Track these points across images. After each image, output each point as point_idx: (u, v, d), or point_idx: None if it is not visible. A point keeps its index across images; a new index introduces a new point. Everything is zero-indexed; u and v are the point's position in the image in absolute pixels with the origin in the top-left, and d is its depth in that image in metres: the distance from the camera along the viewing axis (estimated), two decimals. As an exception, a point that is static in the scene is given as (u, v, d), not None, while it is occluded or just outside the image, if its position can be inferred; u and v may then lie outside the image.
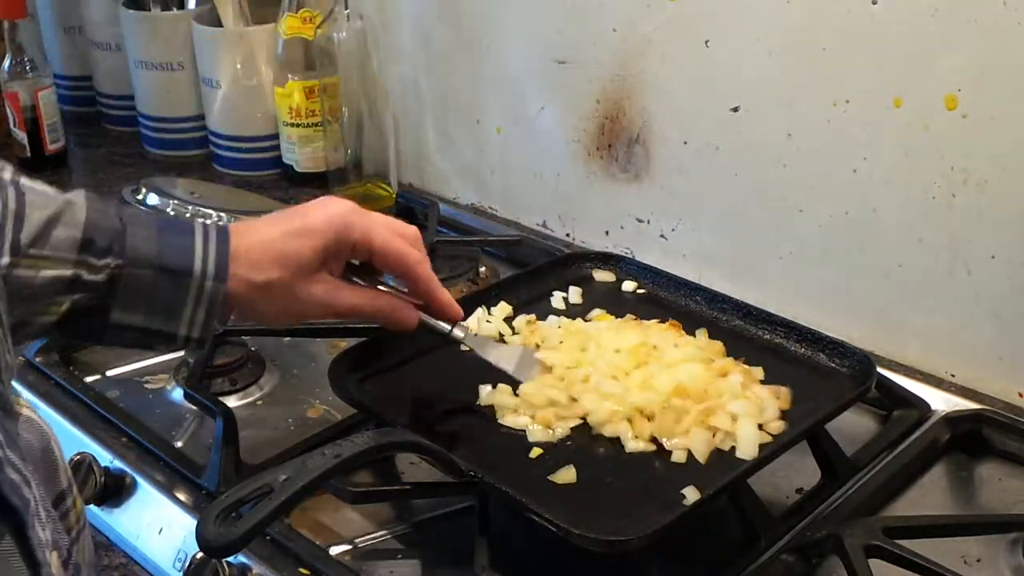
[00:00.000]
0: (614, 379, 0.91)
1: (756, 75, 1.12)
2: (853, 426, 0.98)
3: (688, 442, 0.85)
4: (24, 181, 0.75)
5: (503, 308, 1.05)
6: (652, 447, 0.85)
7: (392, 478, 0.94)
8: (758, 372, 0.93)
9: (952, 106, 0.98)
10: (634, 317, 1.02)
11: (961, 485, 0.95)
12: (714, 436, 0.85)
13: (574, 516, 0.76)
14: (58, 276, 0.73)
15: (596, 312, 1.05)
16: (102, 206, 0.77)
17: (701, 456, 0.84)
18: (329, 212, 0.82)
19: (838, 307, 1.12)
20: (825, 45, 1.05)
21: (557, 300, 1.08)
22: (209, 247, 0.77)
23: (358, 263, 0.87)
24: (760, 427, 0.86)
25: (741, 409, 0.87)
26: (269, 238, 0.80)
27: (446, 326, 0.89)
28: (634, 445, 0.86)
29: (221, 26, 1.51)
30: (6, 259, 0.71)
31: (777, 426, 0.87)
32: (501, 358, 0.92)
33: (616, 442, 0.87)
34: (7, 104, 1.56)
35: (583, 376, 0.91)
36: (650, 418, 0.87)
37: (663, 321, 1.01)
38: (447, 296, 0.89)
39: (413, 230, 0.87)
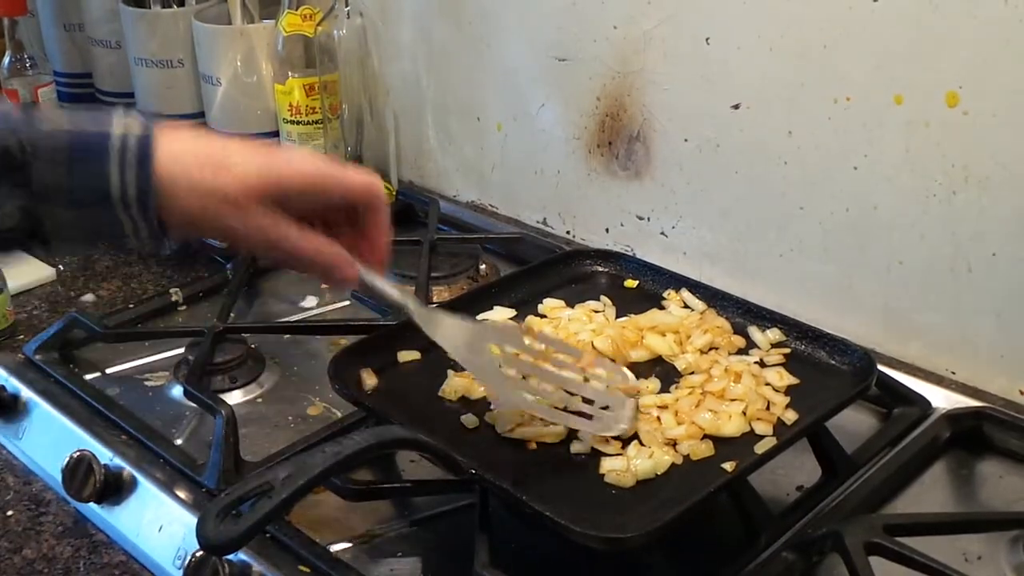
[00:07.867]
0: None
1: (757, 72, 1.12)
2: (854, 423, 0.98)
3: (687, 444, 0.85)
4: None
5: (501, 312, 1.04)
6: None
7: (392, 475, 0.94)
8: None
9: (953, 103, 0.98)
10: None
11: (962, 483, 0.95)
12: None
13: (575, 513, 0.76)
14: None
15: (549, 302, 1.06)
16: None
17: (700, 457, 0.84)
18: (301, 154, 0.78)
19: (839, 304, 1.12)
20: (826, 42, 1.05)
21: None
22: (128, 174, 0.70)
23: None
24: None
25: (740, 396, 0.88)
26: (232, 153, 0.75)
27: (394, 292, 0.83)
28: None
29: (220, 23, 1.51)
30: None
31: (790, 416, 0.87)
32: (446, 338, 0.86)
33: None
34: (7, 101, 1.56)
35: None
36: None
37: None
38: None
39: None
